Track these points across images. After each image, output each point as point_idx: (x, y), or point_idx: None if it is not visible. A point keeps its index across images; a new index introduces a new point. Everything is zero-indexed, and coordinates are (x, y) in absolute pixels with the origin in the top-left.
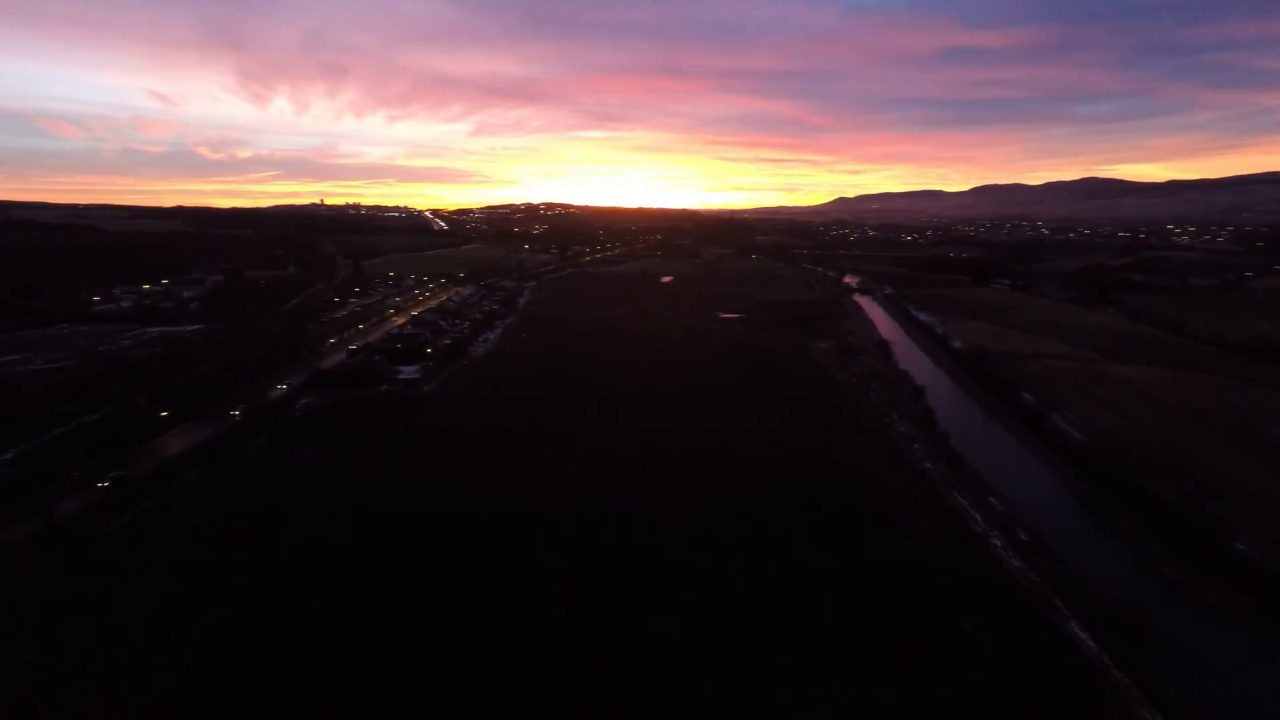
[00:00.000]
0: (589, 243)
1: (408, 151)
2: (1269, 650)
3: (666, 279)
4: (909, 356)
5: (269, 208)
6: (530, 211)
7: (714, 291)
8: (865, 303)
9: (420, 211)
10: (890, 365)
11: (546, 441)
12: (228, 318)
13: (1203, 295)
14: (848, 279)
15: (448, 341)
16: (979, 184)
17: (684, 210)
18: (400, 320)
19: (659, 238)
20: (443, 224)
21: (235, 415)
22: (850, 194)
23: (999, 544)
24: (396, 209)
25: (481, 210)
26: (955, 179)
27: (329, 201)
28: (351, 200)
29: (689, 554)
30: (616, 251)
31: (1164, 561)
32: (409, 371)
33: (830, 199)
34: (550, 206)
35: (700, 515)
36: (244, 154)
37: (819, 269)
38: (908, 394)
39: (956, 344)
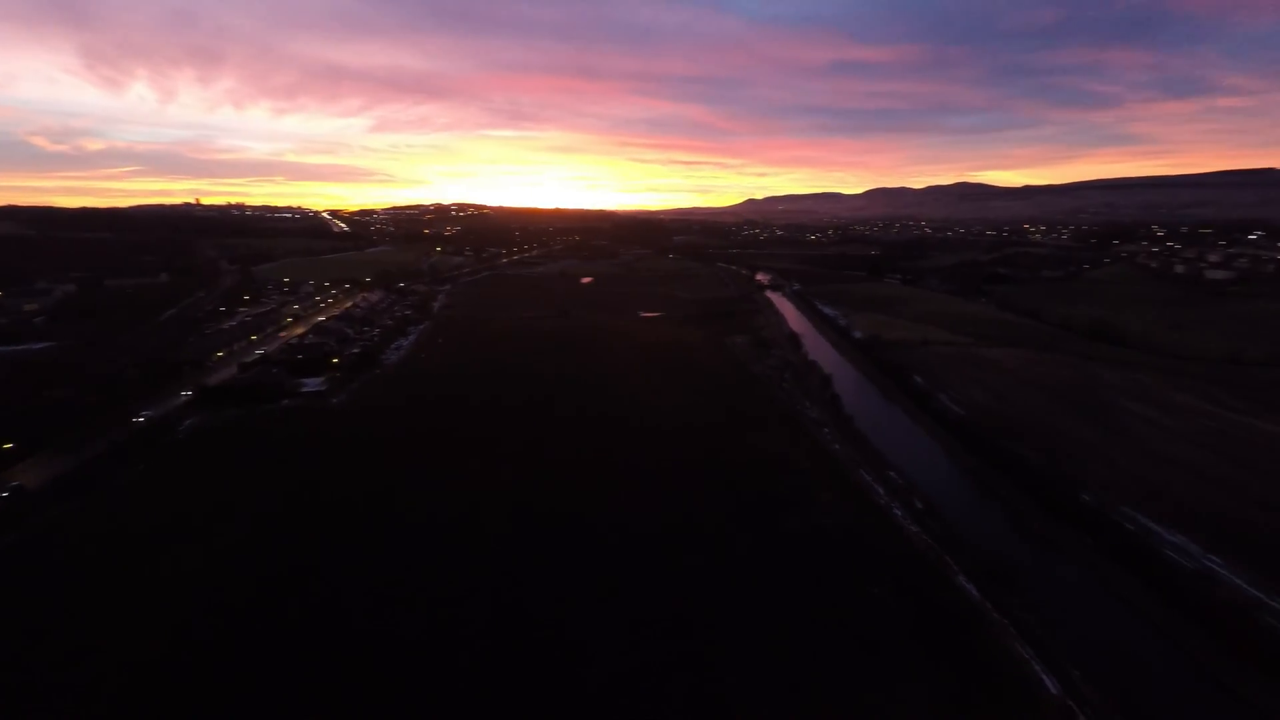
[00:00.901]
0: (505, 244)
1: (299, 147)
2: (1109, 580)
3: (586, 280)
4: (817, 347)
5: (131, 207)
6: (441, 212)
7: (634, 291)
8: (776, 298)
9: (317, 212)
10: (800, 356)
11: (474, 445)
12: (86, 333)
13: (1052, 285)
14: (760, 276)
15: (357, 350)
16: (871, 187)
17: (601, 211)
18: (300, 329)
19: (577, 238)
20: (343, 225)
21: (104, 442)
22: (759, 196)
23: (899, 513)
24: (289, 209)
25: (387, 211)
26: (851, 182)
27: (206, 201)
28: (234, 200)
29: (621, 541)
30: (534, 253)
31: (1031, 516)
32: (313, 384)
33: (741, 200)
34: (462, 207)
35: (629, 505)
36: (94, 146)
37: (733, 267)
38: (817, 382)
39: (857, 334)
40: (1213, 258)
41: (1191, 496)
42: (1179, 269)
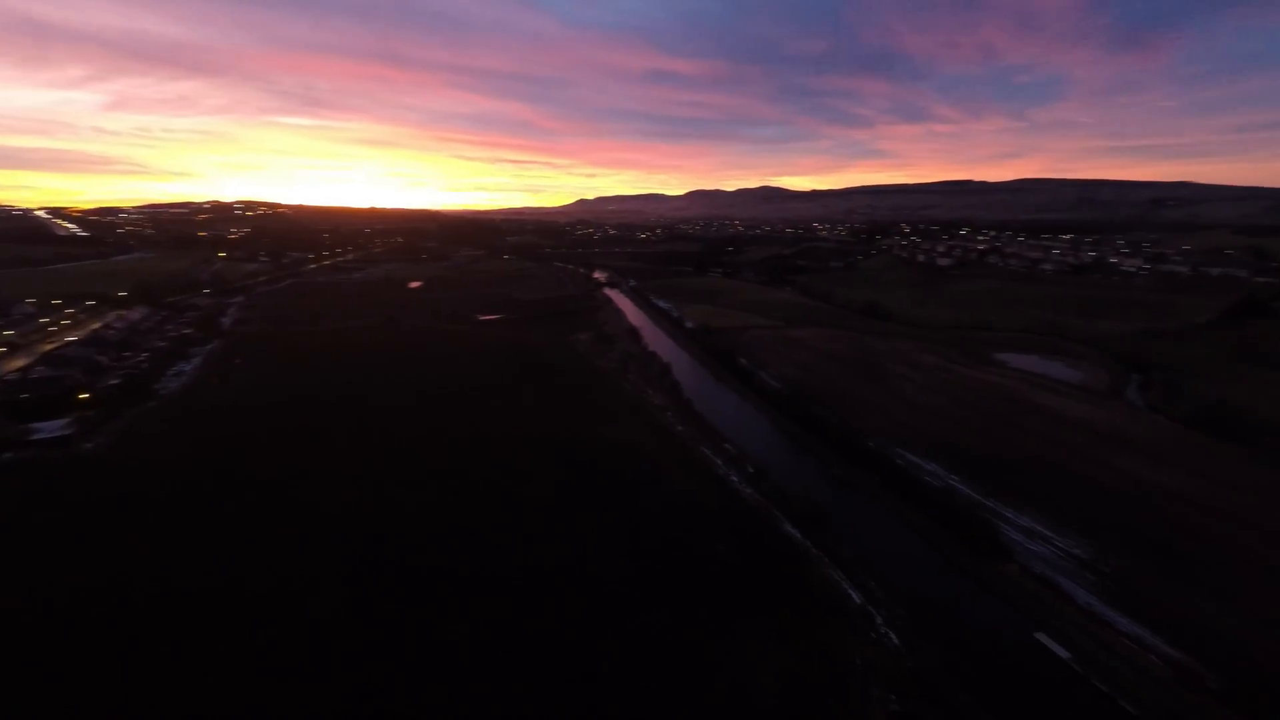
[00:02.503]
0: (312, 248)
1: None
2: (889, 506)
3: (415, 284)
4: (655, 339)
5: None
6: (221, 211)
7: (470, 294)
8: (615, 295)
9: (28, 210)
10: (641, 348)
11: (287, 501)
12: None
13: (837, 273)
14: (597, 274)
15: (116, 381)
16: (692, 189)
17: (426, 211)
18: (21, 362)
19: (400, 240)
20: (73, 227)
21: None
22: (590, 196)
23: (735, 479)
24: None
25: (142, 209)
26: (674, 184)
27: None
28: None
29: (488, 547)
30: (350, 257)
31: (834, 464)
32: (51, 428)
33: (572, 200)
34: (250, 206)
35: (488, 507)
36: None
37: (570, 267)
38: (658, 371)
39: (689, 324)
40: (940, 249)
41: (936, 432)
42: (920, 258)
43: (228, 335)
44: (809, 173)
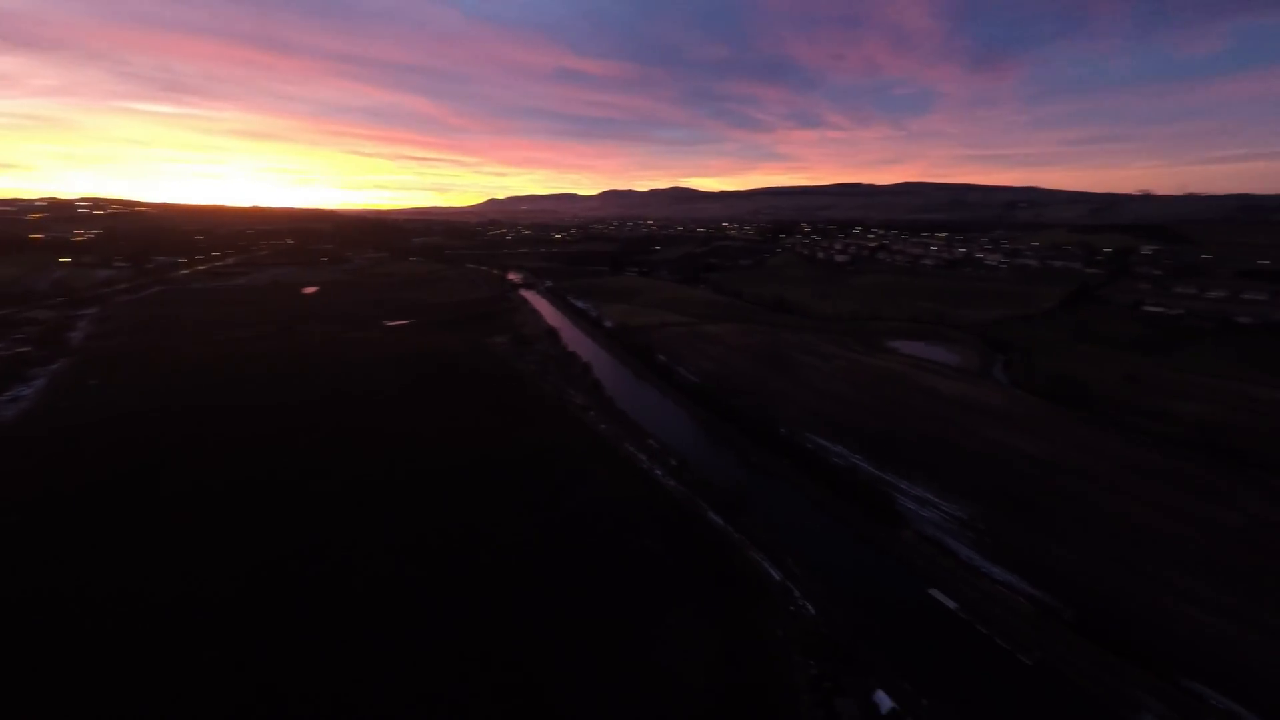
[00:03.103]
0: (183, 251)
1: None
2: (802, 487)
3: (310, 289)
4: (574, 339)
5: None
6: (60, 210)
7: (375, 299)
8: (531, 296)
9: None
10: (560, 349)
11: (153, 595)
12: None
13: (747, 271)
14: (512, 276)
15: None
16: (604, 189)
17: (320, 210)
18: None
19: (290, 242)
20: None
21: None
22: (501, 195)
23: (659, 473)
24: None
25: None
26: (586, 184)
27: None
28: None
29: (409, 560)
30: (231, 261)
31: (751, 452)
32: None
33: (483, 200)
34: (100, 204)
35: (413, 526)
36: None
37: (483, 268)
38: (578, 371)
39: (608, 324)
40: (838, 247)
41: (840, 415)
42: (821, 255)
43: (80, 353)
44: (717, 174)
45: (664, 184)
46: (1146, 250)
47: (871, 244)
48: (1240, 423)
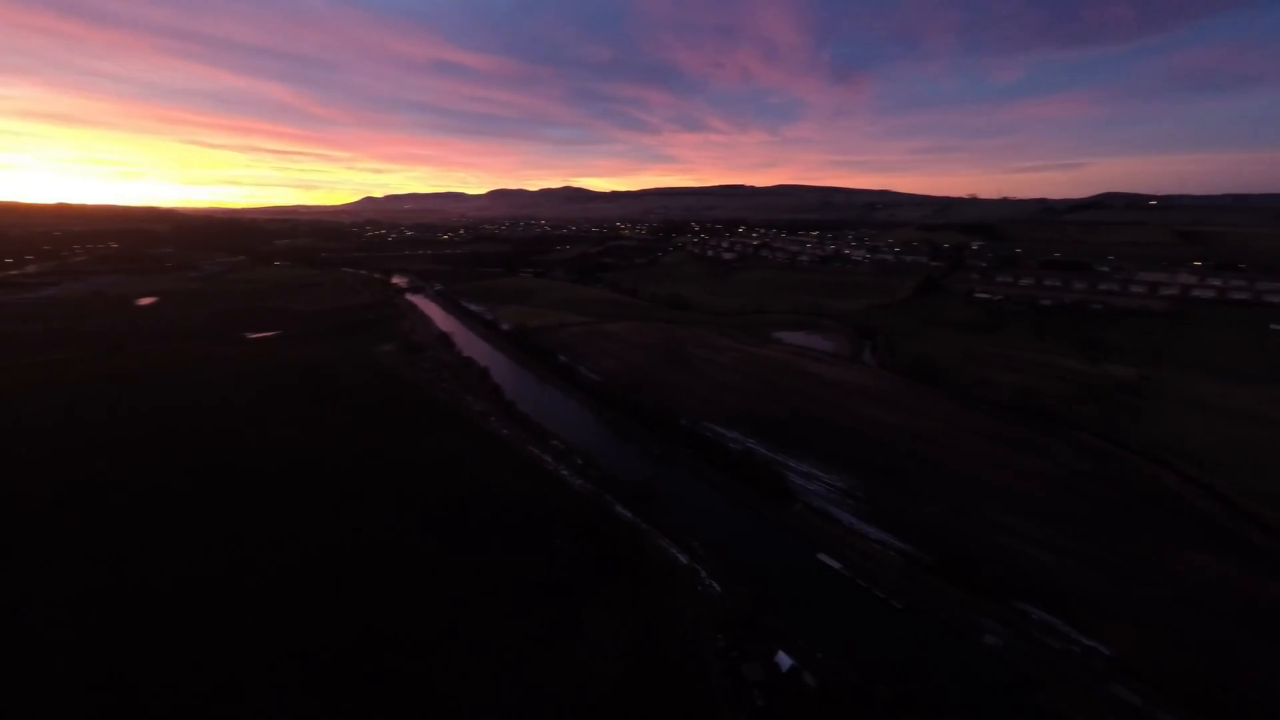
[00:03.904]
0: None
1: None
2: (702, 473)
3: (146, 300)
4: (470, 344)
5: None
6: None
7: (232, 309)
8: (419, 300)
9: None
10: (455, 355)
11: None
12: None
13: (641, 269)
14: (396, 279)
15: None
16: (493, 188)
17: (154, 209)
18: None
19: (115, 246)
20: None
21: None
22: (379, 194)
23: (566, 473)
24: None
25: None
26: (474, 183)
27: None
28: None
29: (312, 585)
30: (34, 269)
31: (654, 445)
32: None
33: (358, 198)
34: None
35: (297, 556)
36: None
37: (363, 272)
38: (475, 376)
39: (505, 326)
40: (725, 245)
41: (734, 404)
42: (710, 253)
43: None
44: (608, 174)
45: (555, 183)
46: (975, 246)
47: (755, 242)
48: (1048, 388)
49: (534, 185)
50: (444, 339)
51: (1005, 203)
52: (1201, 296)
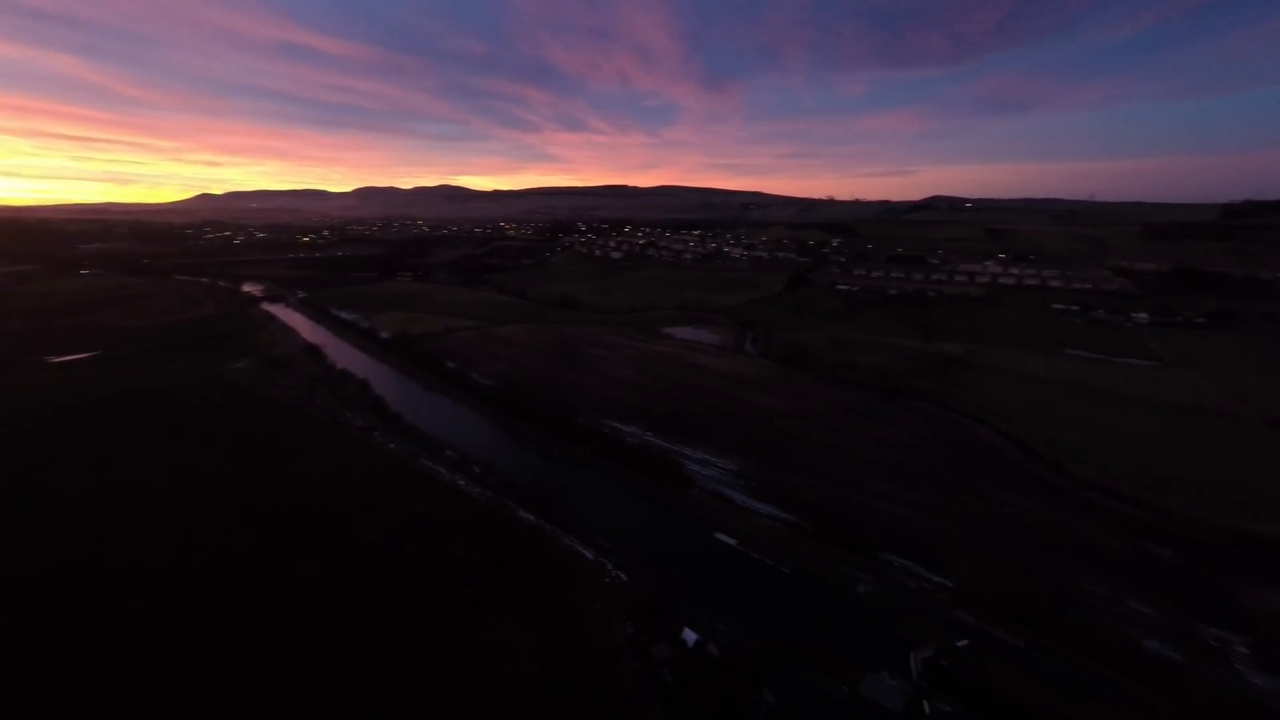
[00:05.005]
0: None
1: None
2: (603, 469)
3: None
4: (344, 355)
5: None
6: None
7: (24, 327)
8: (279, 310)
9: None
10: (328, 368)
11: None
12: None
13: (529, 270)
14: (248, 288)
15: None
16: (360, 185)
17: None
18: None
19: None
20: None
21: None
22: (217, 190)
23: (463, 482)
24: None
25: None
26: (337, 179)
27: None
28: None
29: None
30: None
31: (554, 446)
32: None
33: (191, 195)
34: None
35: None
36: None
37: (204, 280)
38: (354, 390)
39: (384, 334)
40: (613, 244)
41: (630, 399)
42: (598, 253)
43: None
44: (489, 173)
45: (432, 181)
46: (835, 243)
47: (641, 241)
48: (898, 366)
49: (407, 183)
50: (313, 351)
51: (857, 204)
52: (1005, 283)
